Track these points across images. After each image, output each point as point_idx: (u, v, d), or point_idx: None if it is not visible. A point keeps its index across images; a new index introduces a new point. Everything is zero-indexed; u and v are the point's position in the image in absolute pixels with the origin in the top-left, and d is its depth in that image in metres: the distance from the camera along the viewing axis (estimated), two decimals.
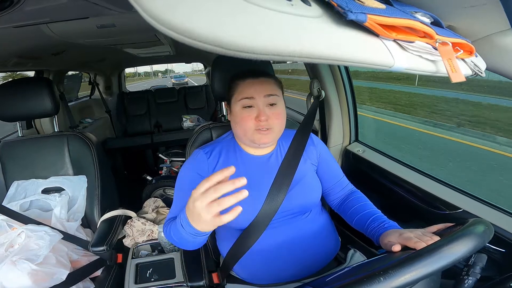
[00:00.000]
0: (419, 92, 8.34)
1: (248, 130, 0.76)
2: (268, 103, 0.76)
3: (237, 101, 0.77)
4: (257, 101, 0.75)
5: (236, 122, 0.79)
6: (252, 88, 0.76)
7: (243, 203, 0.77)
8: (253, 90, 0.76)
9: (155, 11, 0.19)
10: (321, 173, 0.90)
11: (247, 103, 0.76)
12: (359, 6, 0.31)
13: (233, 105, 0.79)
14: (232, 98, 0.79)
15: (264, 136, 0.76)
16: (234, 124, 0.80)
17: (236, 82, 0.79)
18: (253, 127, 0.76)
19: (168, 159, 2.19)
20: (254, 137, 0.76)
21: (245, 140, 0.80)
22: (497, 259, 0.76)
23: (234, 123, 0.80)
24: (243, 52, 0.22)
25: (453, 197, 0.89)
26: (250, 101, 0.76)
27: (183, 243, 0.68)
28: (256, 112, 0.75)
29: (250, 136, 0.77)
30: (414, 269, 0.43)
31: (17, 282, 0.84)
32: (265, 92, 0.76)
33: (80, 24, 0.94)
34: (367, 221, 0.77)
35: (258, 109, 0.75)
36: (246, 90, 0.76)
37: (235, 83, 0.79)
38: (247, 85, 0.77)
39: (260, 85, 0.76)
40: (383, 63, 0.34)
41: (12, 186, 1.17)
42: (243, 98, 0.76)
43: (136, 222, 1.19)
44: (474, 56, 0.47)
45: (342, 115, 1.34)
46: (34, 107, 1.15)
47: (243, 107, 0.76)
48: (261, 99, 0.75)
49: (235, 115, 0.78)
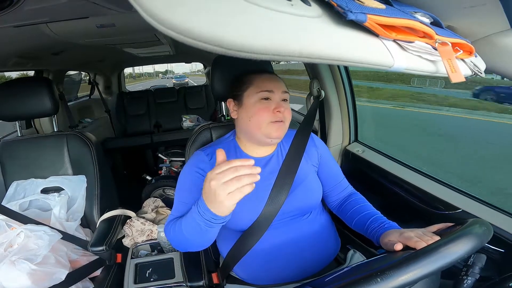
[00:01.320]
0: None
1: (263, 122, 0.76)
2: (283, 99, 0.79)
3: (255, 93, 0.78)
4: (275, 95, 0.78)
5: (249, 116, 0.78)
6: (272, 83, 0.78)
7: (244, 205, 0.78)
8: (273, 85, 0.78)
9: (155, 10, 0.19)
10: (322, 175, 0.90)
11: (265, 96, 0.77)
12: (359, 6, 0.31)
13: (247, 98, 0.79)
14: (245, 92, 0.79)
15: (279, 127, 0.77)
16: (246, 118, 0.79)
17: (252, 76, 0.80)
18: (268, 119, 0.76)
19: (168, 159, 2.19)
20: (270, 129, 0.77)
21: (257, 135, 0.79)
22: (496, 259, 0.76)
23: (246, 117, 0.79)
24: (243, 52, 0.22)
25: (452, 197, 0.90)
26: (269, 94, 0.77)
27: (192, 239, 0.68)
28: (274, 104, 0.77)
29: (265, 129, 0.77)
30: (414, 269, 0.43)
31: (16, 282, 0.84)
32: (282, 88, 0.79)
33: (80, 24, 0.94)
34: (367, 222, 0.77)
35: (276, 102, 0.78)
36: (266, 83, 0.78)
37: (250, 77, 0.80)
38: (265, 79, 0.79)
39: (277, 81, 0.80)
40: (383, 63, 0.34)
41: (11, 186, 1.17)
42: (262, 91, 0.77)
43: (135, 222, 1.19)
44: (473, 56, 0.47)
45: (342, 115, 1.34)
46: (34, 107, 1.15)
47: (260, 100, 0.77)
48: (278, 94, 0.78)
49: (249, 107, 0.78)
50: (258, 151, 0.84)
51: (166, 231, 0.77)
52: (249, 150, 0.84)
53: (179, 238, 0.70)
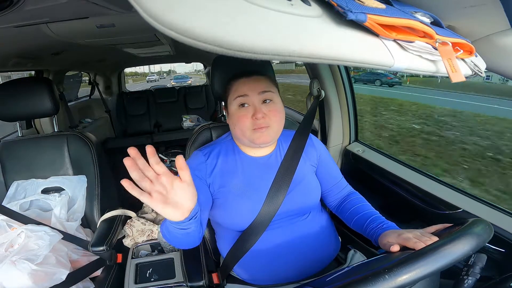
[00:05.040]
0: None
1: (246, 129, 0.75)
2: (263, 100, 0.76)
3: (232, 100, 0.77)
4: (252, 98, 0.75)
5: (233, 123, 0.78)
6: (246, 86, 0.76)
7: (242, 205, 0.78)
8: (246, 88, 0.76)
9: (154, 11, 0.19)
10: (320, 175, 0.90)
11: (241, 101, 0.76)
12: (359, 6, 0.31)
13: (230, 106, 0.79)
14: (227, 99, 0.80)
15: (262, 134, 0.75)
16: (232, 125, 0.80)
17: (231, 83, 0.80)
18: (250, 126, 0.75)
19: (168, 159, 2.19)
20: (253, 136, 0.75)
21: (244, 141, 0.79)
22: (497, 259, 0.76)
23: (232, 124, 0.80)
24: (243, 52, 0.22)
25: (453, 197, 0.89)
26: (244, 99, 0.75)
27: (178, 241, 0.68)
28: (252, 110, 0.75)
29: (249, 136, 0.76)
30: (414, 269, 0.43)
31: (17, 282, 0.84)
32: (259, 89, 0.76)
33: (80, 24, 0.94)
34: (366, 222, 0.77)
35: (254, 107, 0.75)
36: (240, 88, 0.76)
37: (230, 83, 0.80)
38: (241, 84, 0.77)
39: (254, 82, 0.77)
40: (383, 63, 0.34)
41: (12, 186, 1.17)
42: (237, 97, 0.76)
43: (136, 222, 1.19)
44: (474, 56, 0.47)
45: (342, 115, 1.34)
46: (34, 107, 1.15)
47: (239, 106, 0.76)
48: (255, 96, 0.75)
49: (232, 115, 0.78)
50: (256, 151, 0.84)
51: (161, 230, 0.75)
52: (247, 150, 0.84)
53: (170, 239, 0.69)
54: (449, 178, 3.54)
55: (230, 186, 0.80)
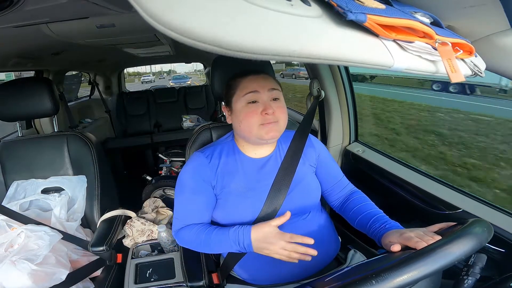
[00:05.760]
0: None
1: (253, 126, 0.75)
2: (272, 98, 0.76)
3: (241, 97, 0.76)
4: (262, 95, 0.75)
5: (239, 120, 0.77)
6: (256, 83, 0.76)
7: (243, 205, 0.78)
8: (256, 84, 0.76)
9: (154, 11, 0.19)
10: (320, 174, 0.90)
11: (251, 98, 0.75)
12: (359, 6, 0.31)
13: (236, 103, 0.78)
14: (233, 96, 0.78)
15: (271, 129, 0.75)
16: (237, 123, 0.78)
17: (237, 80, 0.79)
18: (258, 122, 0.74)
19: (168, 159, 2.19)
20: (261, 132, 0.75)
21: (251, 138, 0.78)
22: (497, 259, 0.76)
23: (237, 122, 0.78)
24: (243, 52, 0.22)
25: (453, 197, 0.89)
26: (255, 95, 0.75)
27: (214, 250, 0.80)
28: (262, 106, 0.75)
29: (256, 133, 0.75)
30: (414, 269, 0.43)
31: (16, 282, 0.84)
32: (269, 86, 0.76)
33: (80, 24, 0.94)
34: (369, 222, 0.76)
35: (264, 103, 0.75)
36: (250, 84, 0.76)
37: (236, 80, 0.79)
38: (250, 81, 0.76)
39: (263, 80, 0.77)
40: (383, 63, 0.34)
41: (11, 186, 1.17)
42: (247, 93, 0.75)
43: (136, 222, 1.19)
44: (473, 56, 0.47)
45: (342, 115, 1.34)
46: (34, 107, 1.15)
47: (247, 103, 0.75)
48: (265, 93, 0.75)
49: (239, 112, 0.77)
50: (257, 152, 0.84)
51: (178, 238, 0.82)
52: (247, 151, 0.84)
53: (200, 246, 0.78)
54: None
55: (231, 187, 0.80)
